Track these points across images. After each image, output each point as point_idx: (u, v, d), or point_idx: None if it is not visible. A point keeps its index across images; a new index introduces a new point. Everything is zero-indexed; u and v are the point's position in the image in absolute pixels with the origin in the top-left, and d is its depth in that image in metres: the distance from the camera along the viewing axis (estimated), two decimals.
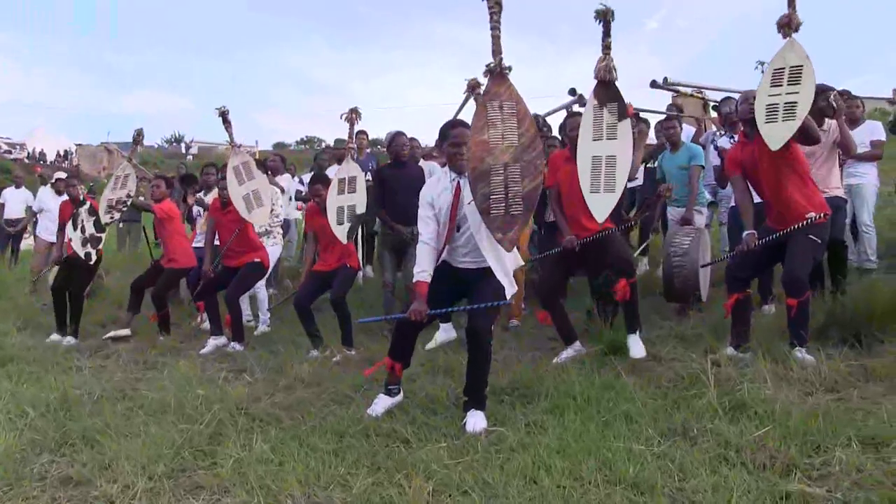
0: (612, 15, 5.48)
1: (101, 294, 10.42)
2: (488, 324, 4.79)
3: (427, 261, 4.89)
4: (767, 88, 5.26)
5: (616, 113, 5.50)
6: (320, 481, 3.74)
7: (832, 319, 5.65)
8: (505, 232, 4.62)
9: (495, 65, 4.96)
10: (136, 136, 9.86)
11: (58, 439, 4.60)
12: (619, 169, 5.48)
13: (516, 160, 4.70)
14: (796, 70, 5.16)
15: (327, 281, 7.28)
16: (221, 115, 8.30)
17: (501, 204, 4.64)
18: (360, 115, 7.98)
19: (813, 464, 3.51)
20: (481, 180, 4.68)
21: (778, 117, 5.21)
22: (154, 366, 6.81)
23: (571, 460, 3.71)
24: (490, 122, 4.80)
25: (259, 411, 4.99)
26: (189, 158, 59.14)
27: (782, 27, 5.28)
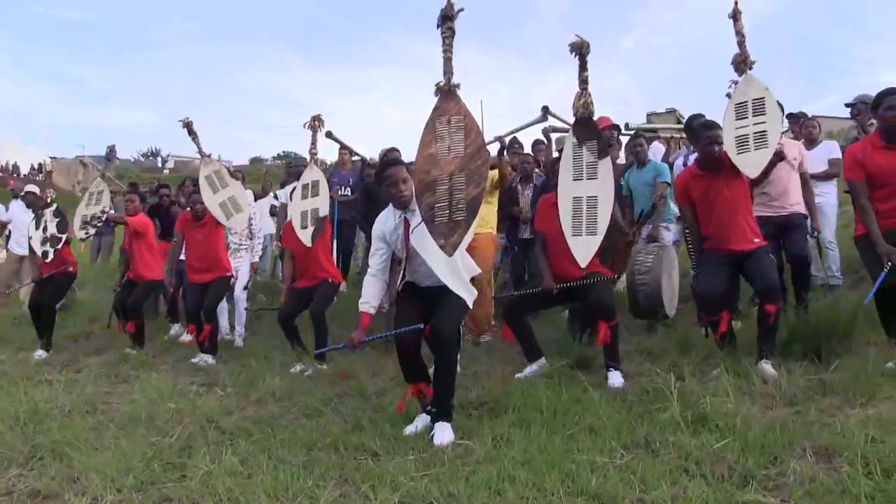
0: (588, 48, 5.52)
1: (73, 308, 10.40)
2: (453, 328, 4.85)
3: (372, 293, 5.07)
4: (733, 122, 5.52)
5: (595, 151, 5.53)
6: (288, 493, 3.79)
7: (794, 335, 5.76)
8: (447, 237, 4.70)
9: (445, 83, 5.07)
10: (108, 152, 9.98)
11: (26, 453, 4.61)
12: (600, 210, 5.47)
13: (462, 169, 4.80)
14: (759, 101, 5.44)
15: (308, 296, 7.36)
16: (186, 125, 8.42)
17: (445, 211, 4.74)
18: (323, 122, 8.09)
19: (769, 474, 3.60)
20: (427, 191, 4.79)
21: (750, 147, 5.45)
22: (126, 379, 6.83)
23: (535, 472, 3.77)
24: (438, 136, 4.92)
25: (230, 425, 5.04)
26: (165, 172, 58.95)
27: (738, 65, 5.55)
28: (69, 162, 58.71)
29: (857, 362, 5.09)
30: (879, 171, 5.40)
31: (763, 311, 5.53)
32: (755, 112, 5.45)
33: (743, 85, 5.58)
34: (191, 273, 8.18)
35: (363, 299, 5.06)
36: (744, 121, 5.48)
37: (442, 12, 5.11)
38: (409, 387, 4.98)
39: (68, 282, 9.18)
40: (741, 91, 5.57)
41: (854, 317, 5.76)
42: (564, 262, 5.89)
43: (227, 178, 8.17)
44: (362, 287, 5.17)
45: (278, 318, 7.53)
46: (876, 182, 5.44)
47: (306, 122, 8.07)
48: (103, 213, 8.69)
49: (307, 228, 7.35)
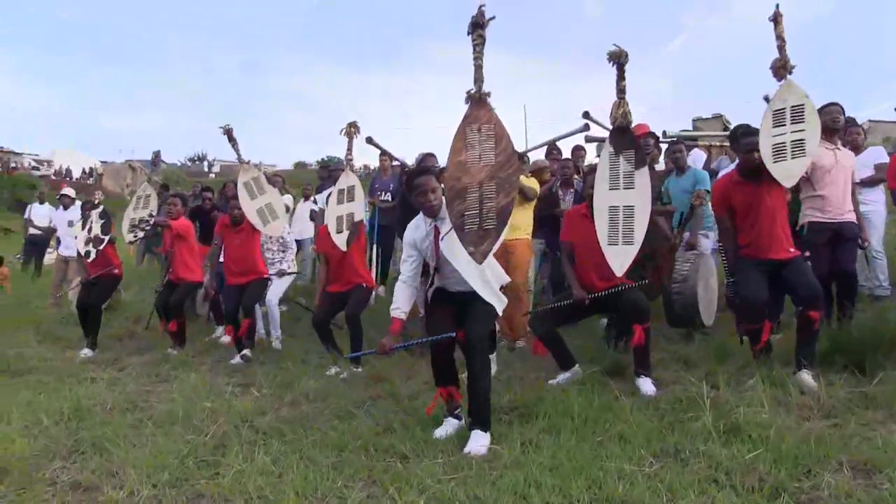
0: (626, 57, 5.50)
1: (118, 309, 10.58)
2: (484, 333, 4.85)
3: (403, 299, 5.08)
4: (770, 130, 5.41)
5: (633, 161, 5.49)
6: (317, 493, 3.83)
7: (836, 346, 5.65)
8: (477, 246, 4.70)
9: (476, 91, 5.08)
10: (154, 157, 10.20)
11: (69, 447, 4.75)
12: (637, 220, 5.42)
13: (492, 177, 4.80)
14: (798, 109, 5.33)
15: (343, 300, 7.43)
16: (227, 132, 8.57)
17: (476, 220, 4.74)
18: (359, 128, 8.14)
19: (802, 487, 3.55)
20: (457, 199, 4.79)
21: (787, 155, 5.36)
22: (166, 378, 6.95)
23: (562, 478, 3.76)
24: (468, 144, 4.92)
25: (263, 425, 5.10)
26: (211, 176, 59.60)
27: (777, 70, 5.45)
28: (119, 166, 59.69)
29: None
30: None
31: (807, 318, 5.43)
32: (794, 119, 5.36)
33: (782, 91, 5.49)
34: (229, 276, 8.33)
35: (394, 305, 5.10)
36: (781, 128, 5.39)
37: (473, 20, 5.12)
38: (439, 389, 5.00)
39: (114, 283, 9.37)
40: (780, 97, 5.47)
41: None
42: (592, 274, 5.90)
43: (265, 185, 8.28)
44: (394, 293, 5.21)
45: (313, 322, 7.61)
46: None
47: (342, 129, 8.14)
48: (151, 217, 8.84)
49: (342, 233, 7.42)
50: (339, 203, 7.64)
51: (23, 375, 7.07)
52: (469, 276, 4.89)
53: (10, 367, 7.42)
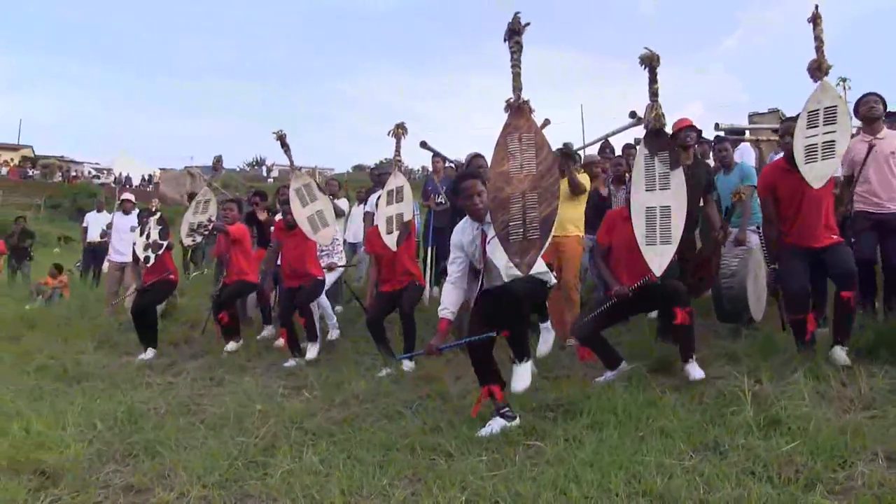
0: (658, 60, 5.52)
1: (174, 314, 10.81)
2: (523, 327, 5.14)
3: (451, 300, 5.26)
4: (804, 131, 5.44)
5: (668, 162, 5.52)
6: (363, 491, 3.95)
7: (881, 339, 5.64)
8: (522, 256, 4.79)
9: (515, 100, 5.14)
10: (215, 162, 10.40)
11: (122, 450, 4.93)
12: (674, 220, 5.45)
13: (534, 187, 4.87)
14: (831, 110, 5.34)
15: (395, 300, 7.54)
16: (279, 138, 8.69)
17: (519, 230, 4.81)
18: (406, 130, 8.24)
19: (836, 478, 3.58)
20: (501, 209, 4.87)
21: (818, 157, 5.38)
22: (220, 382, 7.13)
23: (602, 473, 3.83)
24: (510, 154, 4.99)
25: (313, 425, 5.24)
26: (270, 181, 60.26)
27: (813, 72, 5.45)
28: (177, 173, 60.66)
29: None
30: None
31: (839, 298, 5.49)
32: (826, 121, 5.36)
33: (817, 92, 5.49)
34: (285, 279, 8.49)
35: (442, 306, 5.26)
36: (814, 129, 5.39)
37: (509, 27, 5.18)
38: (482, 388, 5.08)
39: (169, 289, 9.61)
40: (815, 98, 5.46)
41: None
42: (626, 278, 5.91)
43: (317, 192, 8.40)
44: (442, 294, 5.34)
45: (367, 322, 7.73)
46: None
47: (390, 131, 8.26)
48: (210, 222, 9.05)
49: (392, 233, 7.53)
50: (388, 204, 7.76)
51: (80, 382, 7.28)
52: (508, 275, 5.01)
53: (67, 373, 7.64)
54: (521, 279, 4.98)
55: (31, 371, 7.79)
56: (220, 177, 10.70)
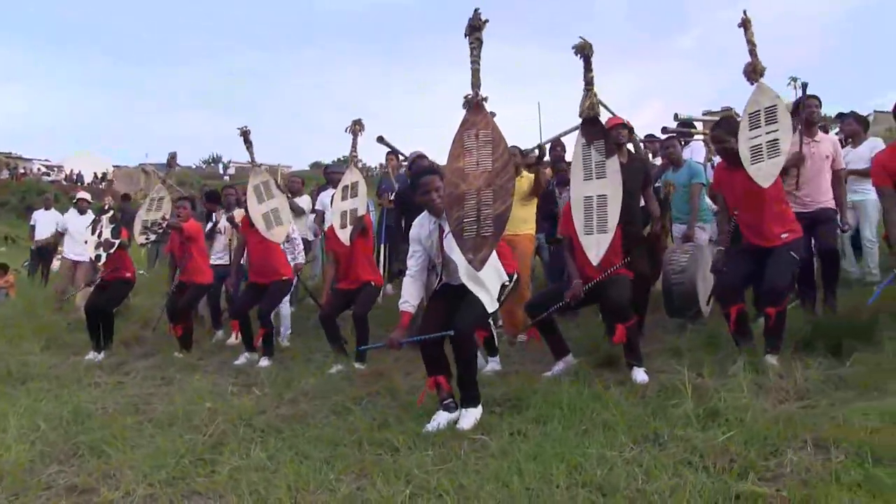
0: (591, 49, 5.62)
1: (126, 314, 10.73)
2: (470, 330, 5.07)
3: (411, 293, 5.34)
4: (747, 132, 5.56)
5: (603, 150, 5.64)
6: (309, 487, 3.98)
7: (818, 331, 5.83)
8: (475, 252, 4.85)
9: (473, 96, 5.20)
10: (169, 159, 10.36)
11: (67, 451, 4.90)
12: (610, 208, 5.57)
13: (489, 184, 4.92)
14: (770, 110, 5.48)
15: (351, 298, 7.57)
16: (243, 134, 8.66)
17: (473, 226, 4.87)
18: (363, 126, 8.28)
19: (768, 465, 3.71)
20: (455, 205, 4.93)
21: (763, 156, 5.50)
22: (170, 381, 7.08)
23: (545, 465, 3.91)
24: (466, 150, 5.04)
25: (261, 423, 5.26)
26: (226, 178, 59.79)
27: (749, 75, 5.62)
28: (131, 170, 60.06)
29: (875, 357, 5.16)
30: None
31: (764, 313, 5.69)
32: (767, 121, 5.50)
33: (755, 94, 5.64)
34: (251, 273, 8.51)
35: (402, 299, 5.34)
36: (757, 130, 5.53)
37: (469, 22, 5.23)
38: (428, 379, 5.19)
39: (126, 288, 9.56)
40: (754, 100, 5.62)
41: (875, 313, 5.80)
42: (586, 265, 5.99)
43: (274, 189, 8.40)
44: (402, 288, 5.43)
45: (320, 318, 7.74)
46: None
47: (347, 127, 8.29)
48: (164, 220, 9.02)
49: (346, 228, 7.57)
50: (342, 199, 7.80)
51: (24, 383, 7.19)
52: (464, 274, 5.10)
53: (11, 375, 7.52)
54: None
55: None
56: (174, 174, 10.62)
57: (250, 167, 8.91)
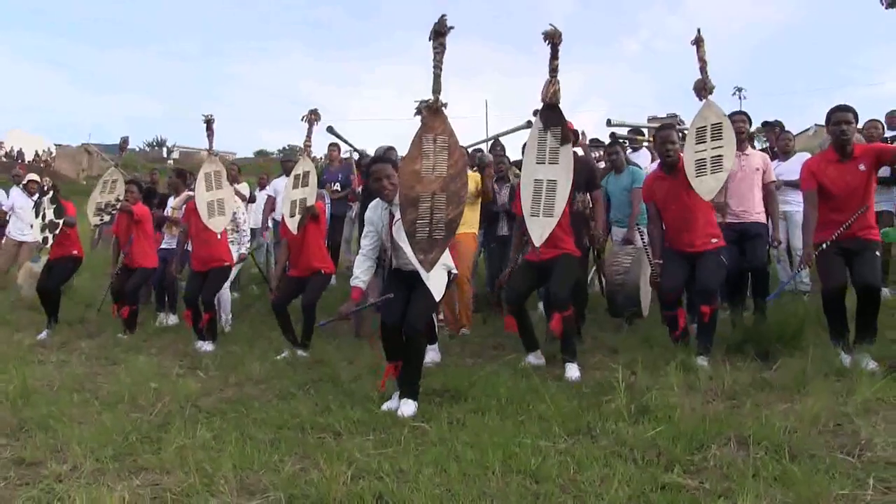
0: (560, 37, 5.74)
1: (69, 293, 10.69)
2: (420, 322, 5.28)
3: (362, 269, 5.57)
4: (693, 146, 5.85)
5: (559, 137, 5.81)
6: (254, 466, 4.09)
7: (747, 336, 6.12)
8: (426, 253, 5.04)
9: (433, 101, 5.34)
10: (122, 143, 10.39)
11: (14, 425, 4.95)
12: (559, 194, 5.74)
13: (443, 189, 5.09)
14: (717, 127, 5.77)
15: (301, 286, 7.68)
16: (207, 122, 8.68)
17: (426, 229, 5.05)
18: (319, 116, 8.37)
19: (693, 460, 3.91)
20: (410, 206, 5.09)
21: (707, 170, 5.77)
22: (115, 361, 7.15)
23: (481, 452, 4.08)
24: (423, 154, 5.19)
25: (207, 404, 5.37)
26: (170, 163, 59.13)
27: (699, 91, 5.87)
28: (74, 150, 59.06)
29: (799, 362, 5.42)
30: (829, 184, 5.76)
31: (698, 311, 5.94)
32: (713, 137, 5.79)
33: (703, 110, 5.92)
34: (193, 261, 8.53)
35: (354, 275, 5.58)
36: (702, 145, 5.81)
37: (434, 27, 5.35)
38: (388, 366, 5.38)
39: (74, 265, 9.62)
40: (702, 116, 5.90)
41: (802, 320, 6.09)
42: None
43: (224, 181, 8.44)
44: (354, 265, 5.65)
45: (272, 306, 7.81)
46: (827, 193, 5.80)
47: (304, 116, 8.38)
48: (118, 202, 9.03)
49: (295, 217, 7.67)
50: (294, 188, 7.89)
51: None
52: (416, 263, 5.26)
53: None
54: None
55: None
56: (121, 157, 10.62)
57: (196, 152, 8.99)
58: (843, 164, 5.74)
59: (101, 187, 9.34)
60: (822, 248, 5.71)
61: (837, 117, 5.72)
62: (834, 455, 3.90)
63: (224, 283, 8.62)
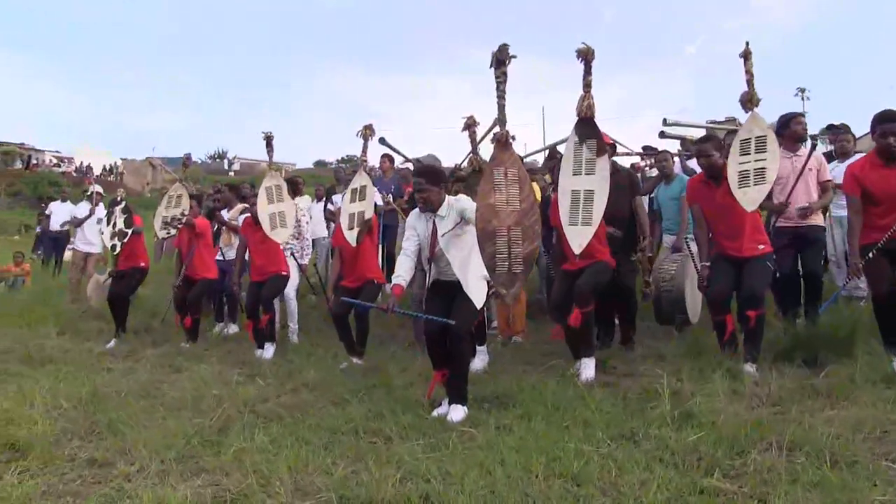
0: (593, 54, 5.85)
1: (135, 303, 11.05)
2: (464, 328, 5.45)
3: (404, 269, 5.72)
4: (737, 157, 5.91)
5: (594, 149, 5.90)
6: (308, 469, 4.29)
7: (797, 343, 6.12)
8: (508, 288, 5.21)
9: (501, 134, 5.49)
10: (185, 159, 10.81)
11: (87, 428, 5.24)
12: (596, 203, 5.82)
13: (518, 223, 5.25)
14: (761, 139, 5.83)
15: (354, 296, 7.84)
16: (266, 139, 9.03)
17: (505, 263, 5.21)
18: (374, 131, 8.60)
19: (733, 464, 4.00)
20: (488, 240, 5.26)
21: (750, 182, 5.83)
22: (178, 369, 7.42)
23: (526, 457, 4.21)
24: (496, 188, 5.34)
25: (265, 410, 5.59)
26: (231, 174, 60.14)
27: (745, 104, 5.93)
28: (139, 164, 60.42)
29: (847, 369, 5.45)
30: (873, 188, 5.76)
31: (743, 316, 5.96)
32: (757, 149, 5.84)
33: (749, 122, 5.98)
34: (252, 272, 8.78)
35: (395, 274, 5.73)
36: (746, 157, 5.88)
37: (496, 56, 5.49)
38: (435, 374, 5.57)
39: (141, 276, 10.04)
40: (747, 128, 5.97)
41: (854, 327, 6.08)
42: (570, 253, 6.22)
43: (285, 194, 8.70)
44: (396, 265, 5.83)
45: (333, 318, 8.00)
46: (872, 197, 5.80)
47: (359, 131, 8.61)
48: (183, 215, 9.36)
49: (353, 229, 7.89)
50: (351, 201, 8.12)
51: (44, 365, 7.53)
52: (459, 271, 5.50)
53: (31, 357, 7.89)
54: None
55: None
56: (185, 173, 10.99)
57: (258, 163, 9.29)
58: (888, 169, 5.74)
59: (167, 201, 9.71)
60: (869, 256, 5.73)
61: (885, 129, 5.70)
62: (878, 462, 3.95)
63: (282, 288, 8.82)
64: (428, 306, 5.77)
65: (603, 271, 6.40)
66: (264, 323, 8.27)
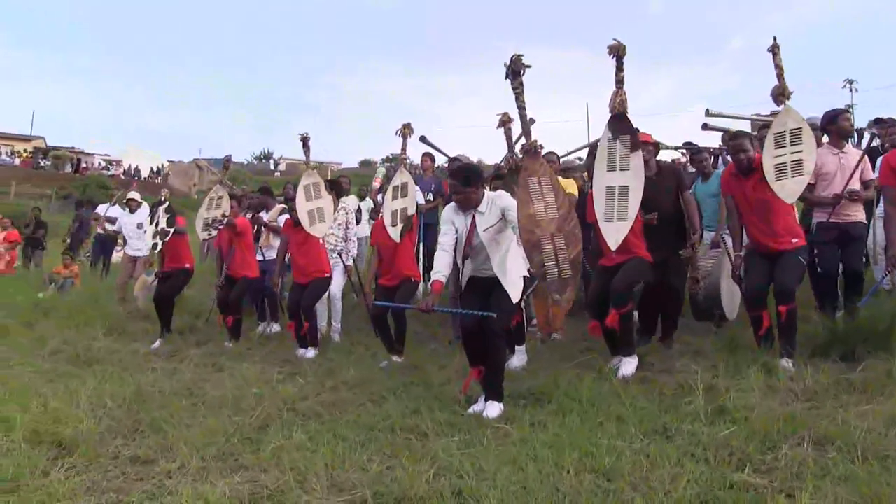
0: (624, 50, 5.92)
1: (180, 305, 11.24)
2: (501, 323, 5.47)
3: (443, 264, 5.71)
4: (772, 150, 5.89)
5: (628, 145, 5.95)
6: (344, 465, 4.38)
7: (834, 338, 6.08)
8: (562, 293, 5.28)
9: (527, 144, 5.53)
10: (225, 161, 10.96)
11: (130, 426, 5.39)
12: (631, 199, 5.88)
13: (560, 230, 5.34)
14: (796, 132, 5.80)
15: (392, 295, 7.93)
16: (303, 140, 9.18)
17: (555, 270, 5.32)
18: (412, 129, 8.73)
19: (764, 459, 4.02)
20: (535, 250, 5.36)
21: (787, 174, 5.82)
22: (221, 368, 7.57)
23: (559, 453, 4.27)
24: (532, 197, 5.41)
25: (304, 408, 5.70)
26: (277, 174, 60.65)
27: (777, 97, 5.91)
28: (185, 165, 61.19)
29: (885, 364, 5.42)
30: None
31: (778, 311, 5.93)
32: (793, 142, 5.82)
33: (782, 115, 5.96)
34: (294, 273, 8.92)
35: (435, 270, 5.74)
36: (782, 149, 5.86)
37: (511, 67, 5.53)
38: (472, 370, 5.62)
39: (186, 277, 10.21)
40: (780, 121, 5.94)
41: (893, 320, 6.03)
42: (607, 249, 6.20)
43: (323, 190, 8.82)
44: (434, 261, 5.84)
45: (371, 318, 8.16)
46: None
47: (398, 130, 8.72)
48: (224, 217, 9.52)
49: (396, 226, 8.00)
50: (393, 198, 8.24)
51: (91, 365, 7.72)
52: (498, 267, 5.51)
53: (79, 357, 8.10)
54: None
55: (45, 355, 8.23)
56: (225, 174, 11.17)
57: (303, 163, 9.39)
58: None
59: (208, 203, 9.88)
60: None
61: None
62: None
63: (322, 293, 8.89)
64: (464, 302, 5.83)
65: (639, 268, 6.35)
66: (305, 330, 8.37)
